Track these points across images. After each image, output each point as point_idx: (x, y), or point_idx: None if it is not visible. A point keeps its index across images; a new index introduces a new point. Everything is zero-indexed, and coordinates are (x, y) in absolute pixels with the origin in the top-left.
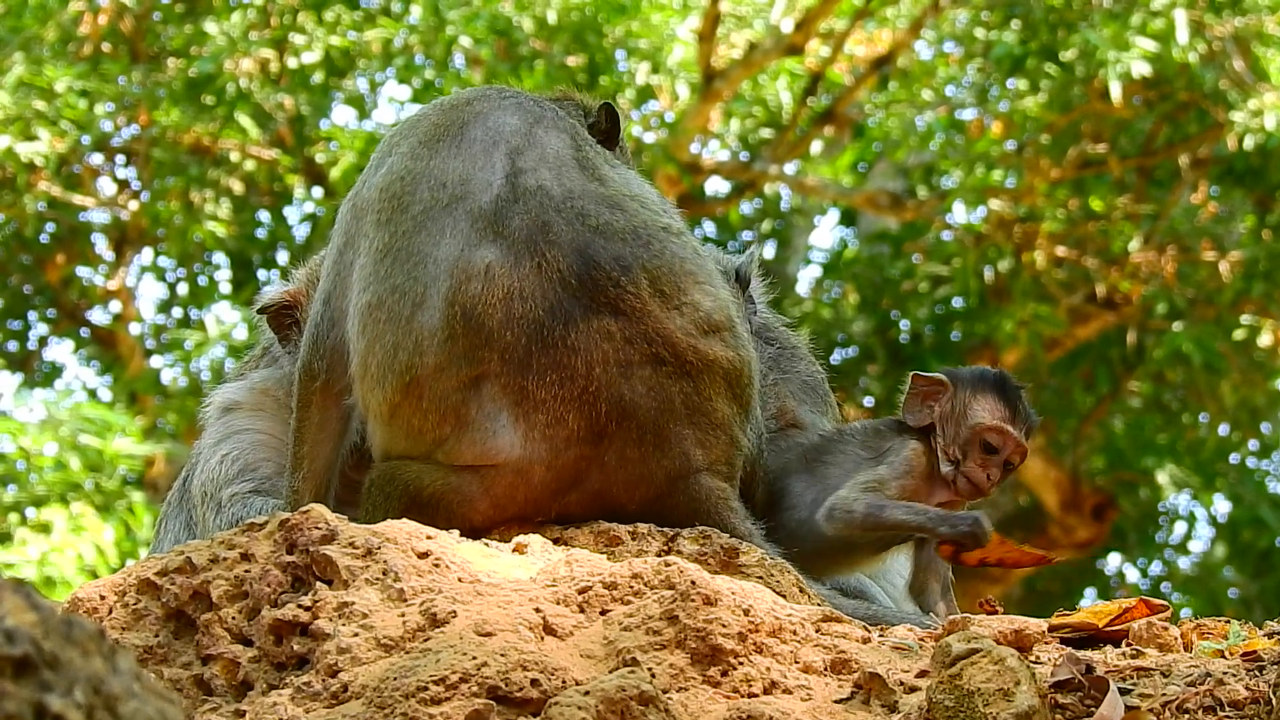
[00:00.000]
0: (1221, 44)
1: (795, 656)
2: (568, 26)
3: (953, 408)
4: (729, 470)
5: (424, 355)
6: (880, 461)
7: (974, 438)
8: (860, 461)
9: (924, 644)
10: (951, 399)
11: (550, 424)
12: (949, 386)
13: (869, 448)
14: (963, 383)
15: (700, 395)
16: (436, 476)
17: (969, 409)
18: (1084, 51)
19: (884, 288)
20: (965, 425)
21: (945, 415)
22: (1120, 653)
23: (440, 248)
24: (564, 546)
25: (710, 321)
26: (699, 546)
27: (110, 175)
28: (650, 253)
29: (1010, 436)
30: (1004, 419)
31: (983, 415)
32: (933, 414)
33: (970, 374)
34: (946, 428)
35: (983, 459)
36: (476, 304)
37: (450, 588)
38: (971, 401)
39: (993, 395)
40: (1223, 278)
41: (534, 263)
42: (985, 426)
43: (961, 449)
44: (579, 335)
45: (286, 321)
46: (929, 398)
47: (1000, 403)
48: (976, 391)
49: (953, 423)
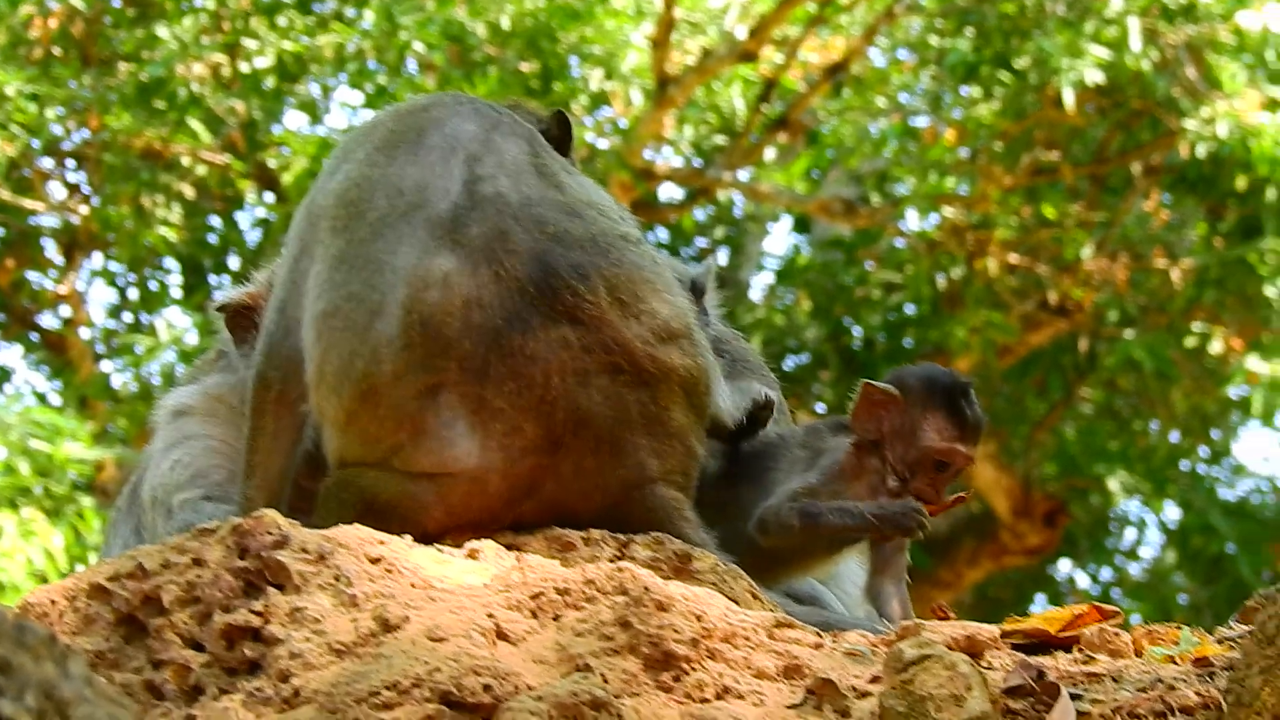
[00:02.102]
0: (1175, 52)
1: (748, 662)
2: (521, 32)
3: (902, 424)
4: (684, 480)
5: (381, 363)
6: (813, 465)
7: (924, 459)
8: (796, 463)
9: (877, 650)
10: (902, 414)
11: (507, 433)
12: (899, 401)
13: (807, 448)
14: (913, 397)
15: (657, 404)
16: (392, 484)
17: (919, 429)
18: (1037, 59)
19: (837, 294)
20: (916, 445)
21: (894, 431)
22: (1072, 659)
23: (398, 255)
24: (517, 552)
25: (668, 330)
26: (652, 553)
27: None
28: (609, 261)
29: (960, 454)
30: (954, 438)
31: (933, 437)
32: (881, 427)
33: (920, 385)
34: (895, 445)
35: (932, 477)
36: (434, 312)
37: (403, 593)
38: (921, 420)
39: (943, 412)
40: (1175, 285)
41: (492, 271)
42: (936, 450)
43: (910, 468)
44: (537, 344)
45: (244, 324)
46: (878, 408)
47: (951, 420)
48: (927, 408)
49: (902, 440)
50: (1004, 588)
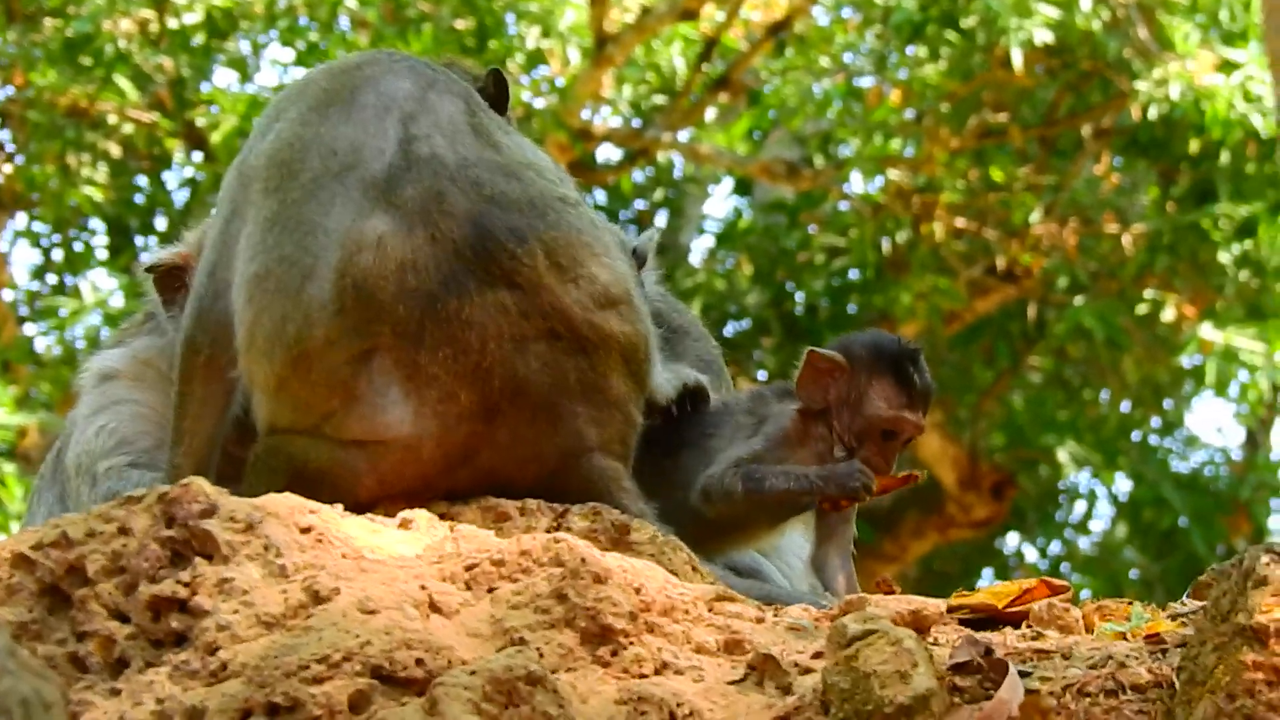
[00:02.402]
0: (1126, 11)
1: (687, 637)
2: None
3: (849, 392)
4: (623, 449)
5: (313, 328)
6: (758, 431)
7: (871, 428)
8: (740, 430)
9: (819, 624)
10: (848, 382)
11: (442, 399)
12: (845, 369)
13: (751, 414)
14: (859, 364)
15: (595, 372)
16: (323, 451)
17: (866, 397)
18: (985, 18)
19: (779, 259)
20: (863, 414)
21: (841, 399)
22: (1020, 634)
23: (330, 217)
24: (451, 522)
25: (607, 295)
26: (589, 523)
27: None
28: (547, 223)
29: (909, 422)
30: (902, 406)
31: (880, 405)
32: (828, 396)
33: (867, 351)
34: (842, 413)
35: (879, 446)
36: (368, 276)
37: (333, 564)
38: (868, 389)
39: (890, 379)
40: (1126, 251)
41: (427, 233)
42: (883, 418)
43: (858, 437)
44: (473, 309)
45: (175, 284)
46: (824, 376)
47: (898, 387)
48: (873, 376)
49: (849, 409)
50: (950, 561)
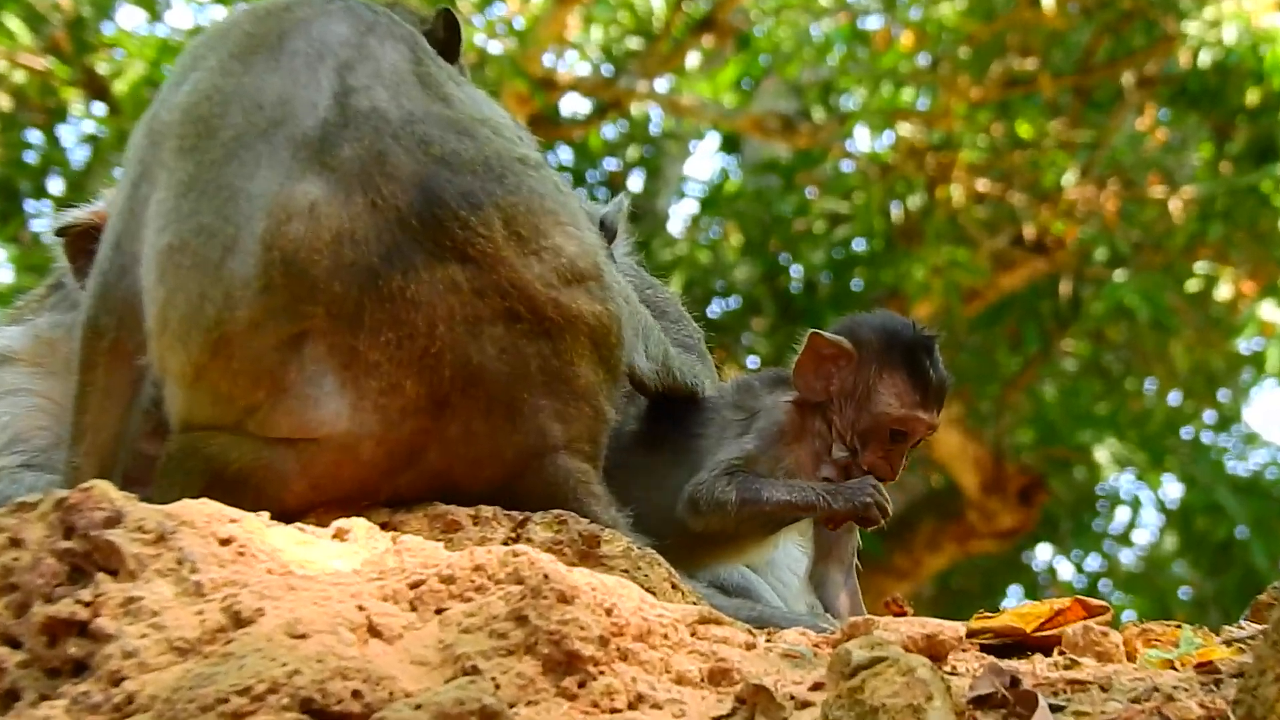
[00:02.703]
0: None
1: (666, 665)
2: None
3: (855, 384)
4: (592, 449)
5: (235, 308)
6: (749, 428)
7: (879, 428)
8: (728, 426)
9: (819, 651)
10: (854, 372)
11: (384, 391)
12: (851, 356)
13: (740, 409)
14: (868, 352)
15: (560, 358)
16: (246, 450)
17: (875, 392)
18: None
19: (772, 227)
20: (869, 411)
21: (845, 391)
22: (1051, 662)
23: (255, 181)
24: (393, 533)
25: (574, 269)
26: (553, 534)
27: None
28: (504, 188)
29: (921, 422)
30: (915, 404)
31: (890, 402)
32: (829, 387)
33: (877, 337)
34: (846, 408)
35: (888, 448)
36: (298, 248)
37: (257, 581)
38: (878, 382)
39: (903, 372)
40: (1174, 218)
41: (367, 199)
42: (893, 417)
43: (862, 437)
44: (420, 286)
45: (89, 249)
46: (827, 364)
47: (912, 382)
48: (884, 368)
49: (854, 404)
50: (971, 578)
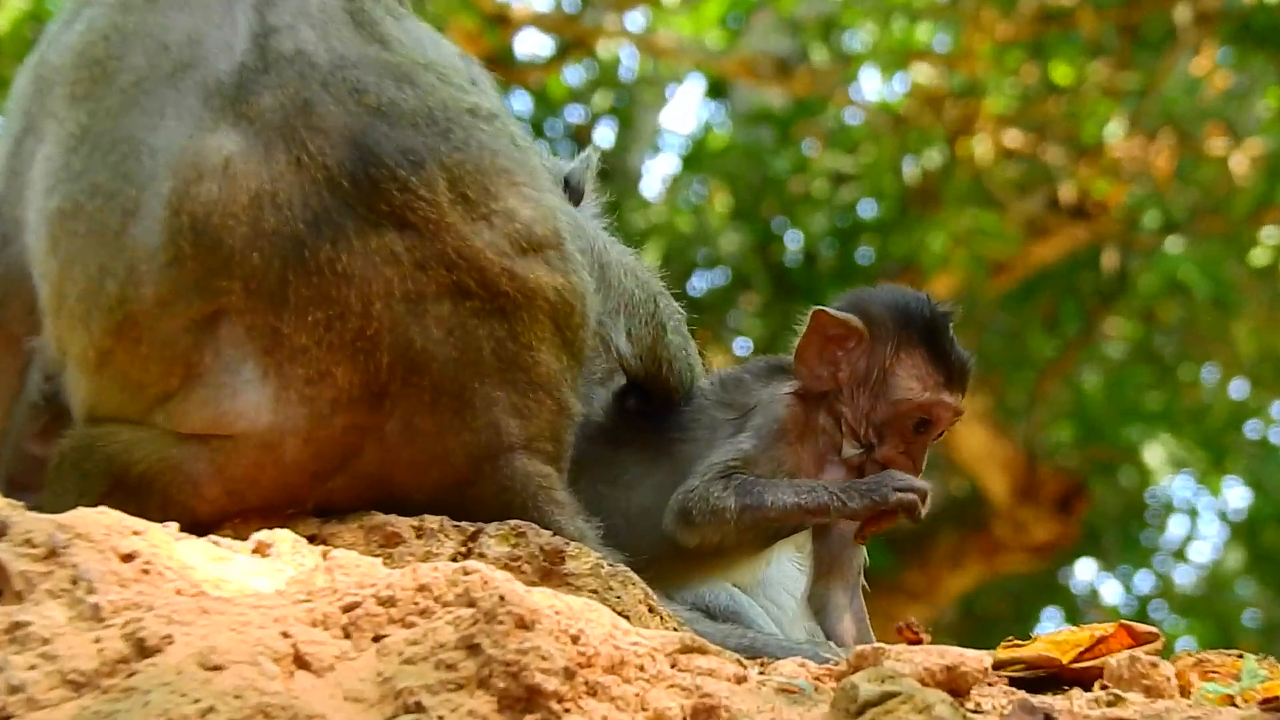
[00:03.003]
0: None
1: (642, 701)
2: None
3: (868, 368)
4: (554, 448)
5: (141, 284)
6: (743, 427)
7: (900, 417)
8: (718, 427)
9: (821, 685)
10: (867, 355)
11: (311, 380)
12: (863, 337)
13: (729, 406)
14: (881, 331)
15: (517, 341)
16: (152, 449)
17: (893, 376)
18: None
19: (765, 189)
20: (887, 399)
21: (857, 378)
22: (1092, 698)
23: (159, 133)
24: (323, 547)
25: (530, 236)
26: (510, 548)
27: None
28: (451, 144)
29: (948, 407)
30: (940, 386)
31: (912, 387)
32: (838, 374)
33: (891, 314)
34: (858, 397)
35: (908, 441)
36: (211, 213)
37: (164, 603)
38: (896, 365)
39: (924, 351)
40: (1236, 178)
41: (291, 156)
42: (915, 403)
43: (879, 430)
44: (352, 257)
45: None
46: (834, 347)
47: (935, 362)
48: (902, 348)
49: (868, 391)
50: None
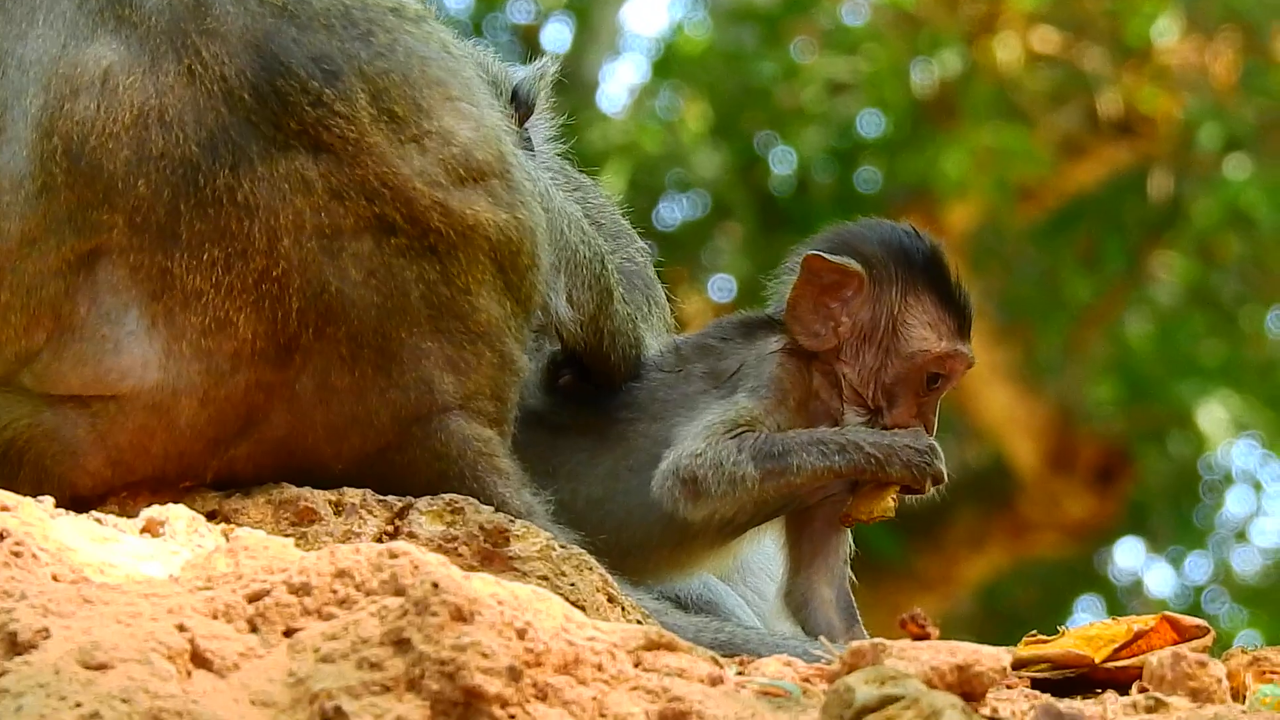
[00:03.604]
0: None
1: (600, 706)
2: None
3: (874, 320)
4: (496, 409)
5: (3, 218)
6: (734, 391)
7: (914, 373)
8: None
9: (810, 687)
10: (871, 304)
11: (208, 330)
12: (862, 280)
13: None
14: (882, 274)
15: (452, 285)
16: (21, 413)
17: (903, 325)
18: None
19: (748, 100)
20: (900, 354)
21: (861, 332)
22: (1129, 703)
23: (28, 42)
24: (224, 525)
25: (470, 163)
26: (445, 526)
27: None
28: (372, 49)
29: (964, 358)
30: (954, 333)
31: (927, 336)
32: (839, 329)
33: (887, 252)
34: (864, 354)
35: (920, 399)
36: (87, 134)
37: (38, 591)
38: (905, 312)
39: (934, 295)
40: None
41: (181, 66)
42: (933, 355)
43: (888, 391)
44: (256, 185)
45: None
46: (830, 297)
47: (944, 304)
48: (909, 291)
49: (874, 347)
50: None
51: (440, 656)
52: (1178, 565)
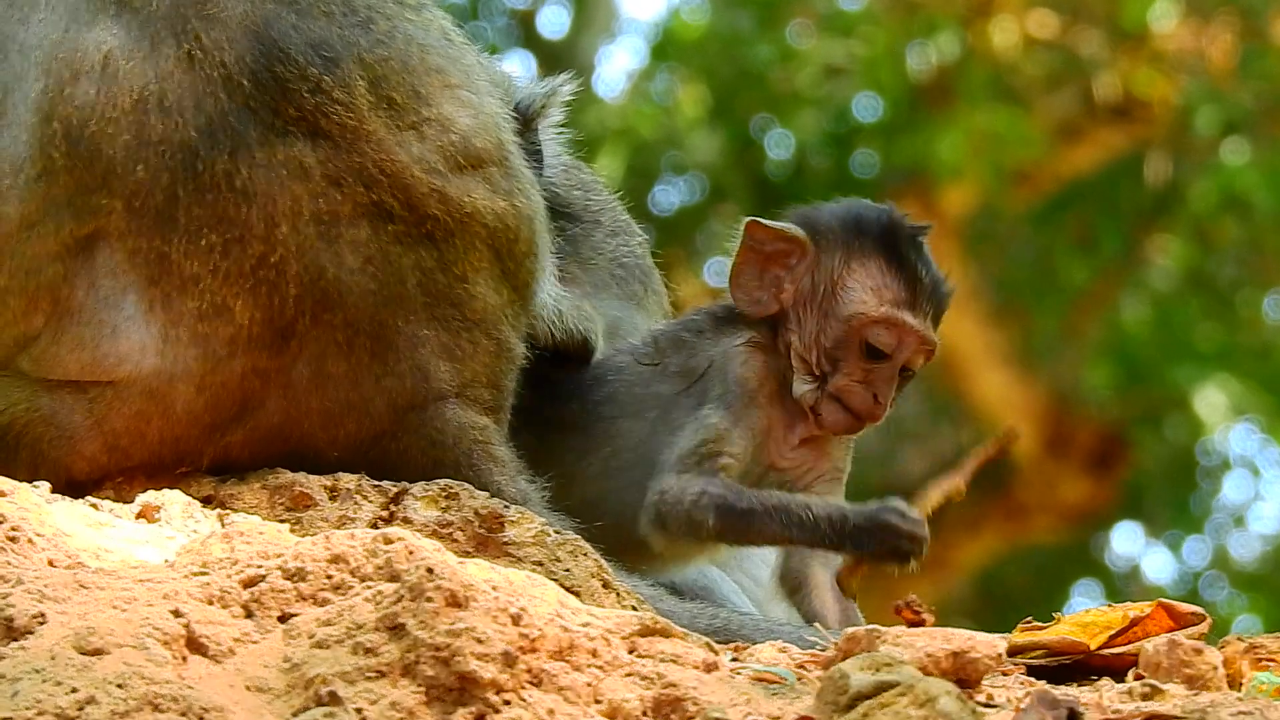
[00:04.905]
0: None
1: (595, 692)
2: None
3: (813, 284)
4: (493, 396)
5: (3, 201)
6: (704, 398)
7: (850, 336)
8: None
9: (805, 673)
10: (812, 270)
11: (205, 315)
12: (805, 246)
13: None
14: (830, 241)
15: (449, 273)
16: (19, 398)
17: (842, 288)
18: None
19: (744, 84)
20: (838, 316)
21: (803, 297)
22: (1125, 690)
23: (30, 27)
24: (221, 511)
25: (469, 150)
26: (440, 512)
27: None
28: (372, 37)
29: (911, 331)
30: (900, 302)
31: (865, 299)
32: (781, 295)
33: (839, 221)
34: (805, 318)
35: (865, 369)
36: (88, 118)
37: (34, 576)
38: (846, 274)
39: (880, 261)
40: None
41: (181, 51)
42: (869, 318)
43: (829, 356)
44: (254, 171)
45: None
46: (773, 264)
47: (892, 272)
48: (853, 255)
49: (815, 310)
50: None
51: (435, 642)
52: (1175, 550)
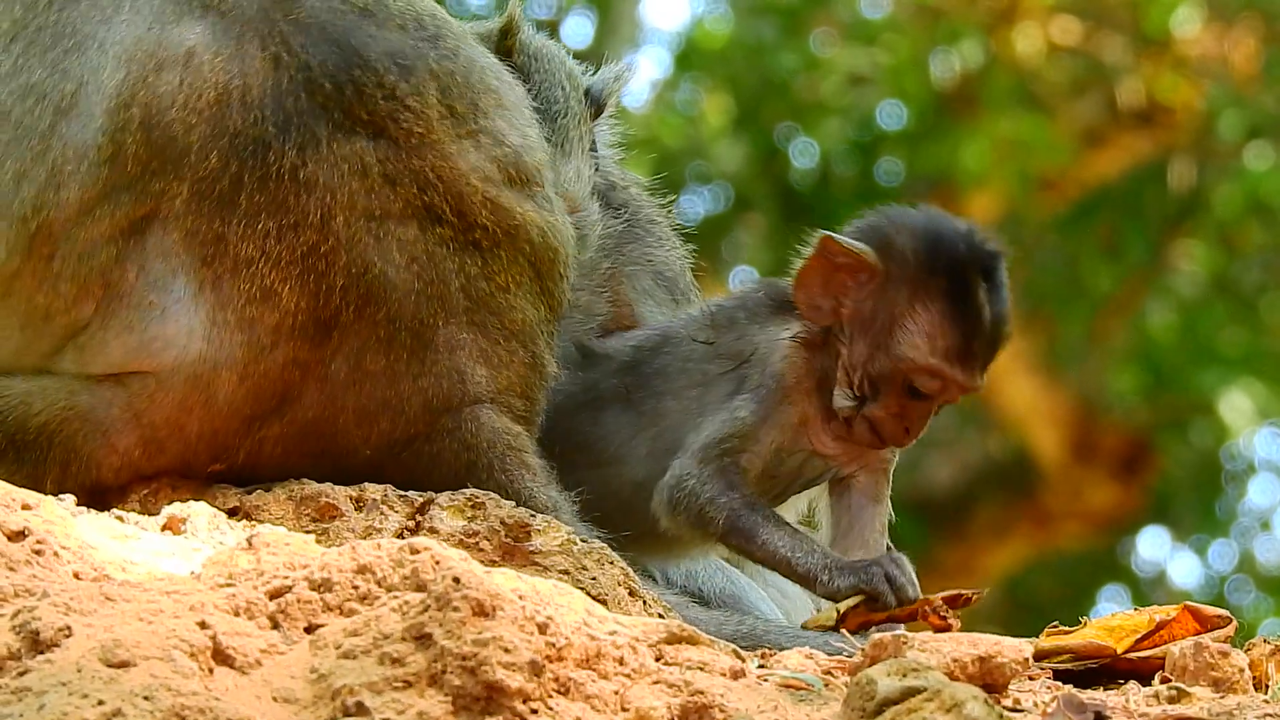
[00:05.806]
0: None
1: (622, 700)
2: None
3: (875, 310)
4: (526, 407)
5: (62, 186)
6: (741, 385)
7: (896, 375)
8: (709, 383)
9: (832, 680)
10: (876, 294)
11: (253, 299)
12: (876, 273)
13: (722, 357)
14: (900, 269)
15: (491, 282)
16: (56, 397)
17: (900, 328)
18: None
19: (769, 93)
20: (887, 352)
21: (861, 320)
22: (1151, 693)
23: (114, 26)
24: (246, 521)
25: (520, 165)
26: (466, 521)
27: None
28: (440, 51)
29: (954, 382)
30: (952, 355)
31: (917, 345)
32: (841, 308)
33: (913, 248)
34: (858, 340)
35: (904, 404)
36: (168, 106)
37: (61, 589)
38: (907, 315)
39: (944, 306)
40: None
41: (268, 53)
42: (918, 365)
43: (873, 383)
44: (319, 165)
45: None
46: (839, 278)
47: (954, 322)
48: (918, 296)
49: (869, 337)
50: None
51: (462, 651)
52: (1201, 554)
